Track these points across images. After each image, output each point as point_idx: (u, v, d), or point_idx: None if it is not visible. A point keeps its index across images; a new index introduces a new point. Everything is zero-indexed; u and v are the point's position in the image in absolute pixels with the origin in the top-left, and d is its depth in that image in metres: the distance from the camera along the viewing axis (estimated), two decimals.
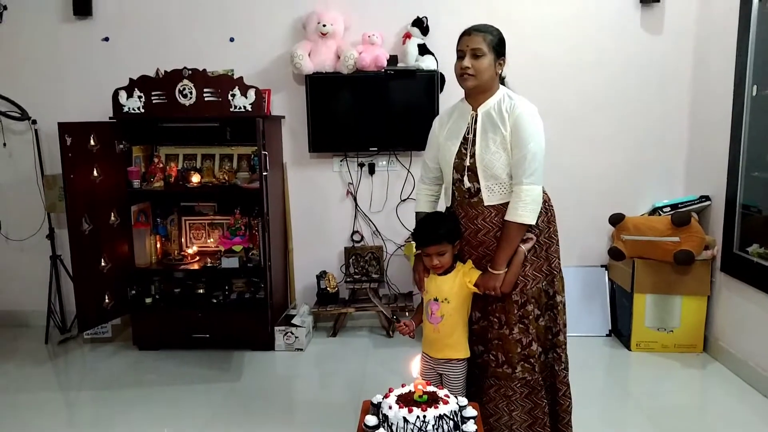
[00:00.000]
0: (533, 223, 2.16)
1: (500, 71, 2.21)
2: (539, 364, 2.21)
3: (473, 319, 2.30)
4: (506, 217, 2.15)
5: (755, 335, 3.16)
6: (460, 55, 2.17)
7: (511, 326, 2.20)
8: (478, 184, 2.20)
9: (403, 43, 3.76)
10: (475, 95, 2.22)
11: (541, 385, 2.22)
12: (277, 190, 3.84)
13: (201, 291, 3.87)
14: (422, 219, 2.35)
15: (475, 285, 2.20)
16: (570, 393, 2.30)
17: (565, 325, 2.29)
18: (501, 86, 2.24)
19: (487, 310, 2.27)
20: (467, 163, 2.21)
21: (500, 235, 2.17)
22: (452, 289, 2.22)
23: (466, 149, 2.22)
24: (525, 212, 2.12)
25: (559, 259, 2.30)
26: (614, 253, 3.63)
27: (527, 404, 2.24)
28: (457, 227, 2.26)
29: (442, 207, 2.46)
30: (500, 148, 2.15)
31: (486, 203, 2.20)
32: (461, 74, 2.17)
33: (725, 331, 3.46)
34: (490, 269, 2.17)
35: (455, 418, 1.80)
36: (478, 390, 2.30)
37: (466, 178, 2.22)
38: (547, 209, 2.25)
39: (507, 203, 2.18)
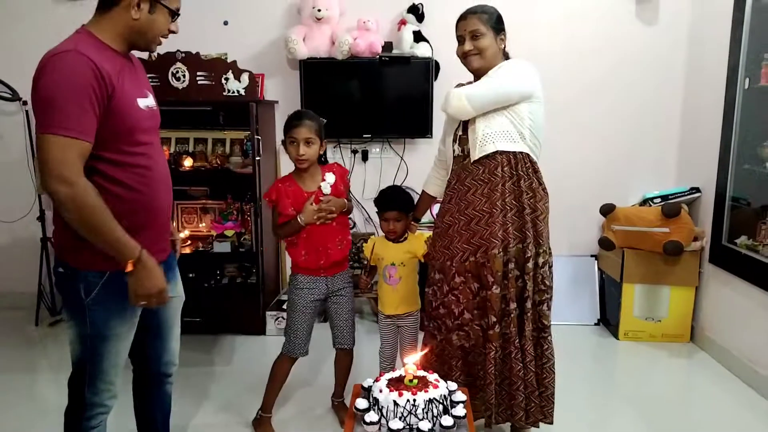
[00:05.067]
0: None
1: (503, 46, 2.24)
2: (514, 322, 2.23)
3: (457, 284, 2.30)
4: None
5: (741, 326, 3.21)
6: (461, 41, 2.20)
7: (498, 283, 2.22)
8: (468, 145, 2.26)
9: (398, 29, 3.75)
10: (481, 76, 2.24)
11: (517, 347, 2.24)
12: (269, 175, 3.83)
13: (192, 275, 3.87)
14: (385, 189, 2.67)
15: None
16: (553, 380, 2.33)
17: (550, 296, 2.31)
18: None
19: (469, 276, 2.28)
20: (461, 133, 2.30)
21: None
22: (406, 255, 2.60)
23: (465, 126, 2.28)
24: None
25: (547, 230, 2.29)
26: (604, 243, 3.65)
27: (503, 363, 2.28)
28: (412, 201, 2.62)
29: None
30: (498, 113, 2.20)
31: (473, 159, 2.24)
32: (465, 57, 2.20)
33: (712, 322, 3.50)
34: None
35: (444, 402, 1.82)
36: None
37: (456, 146, 2.32)
38: (540, 183, 2.27)
39: (489, 155, 2.20)
